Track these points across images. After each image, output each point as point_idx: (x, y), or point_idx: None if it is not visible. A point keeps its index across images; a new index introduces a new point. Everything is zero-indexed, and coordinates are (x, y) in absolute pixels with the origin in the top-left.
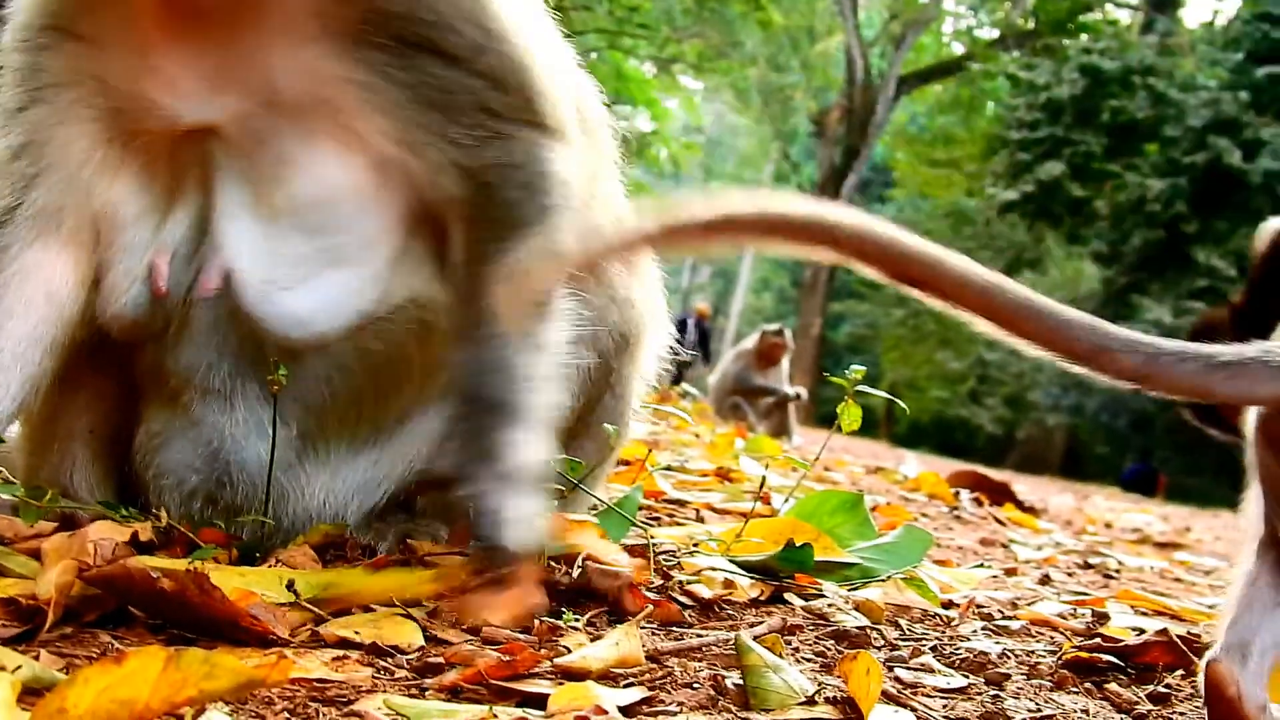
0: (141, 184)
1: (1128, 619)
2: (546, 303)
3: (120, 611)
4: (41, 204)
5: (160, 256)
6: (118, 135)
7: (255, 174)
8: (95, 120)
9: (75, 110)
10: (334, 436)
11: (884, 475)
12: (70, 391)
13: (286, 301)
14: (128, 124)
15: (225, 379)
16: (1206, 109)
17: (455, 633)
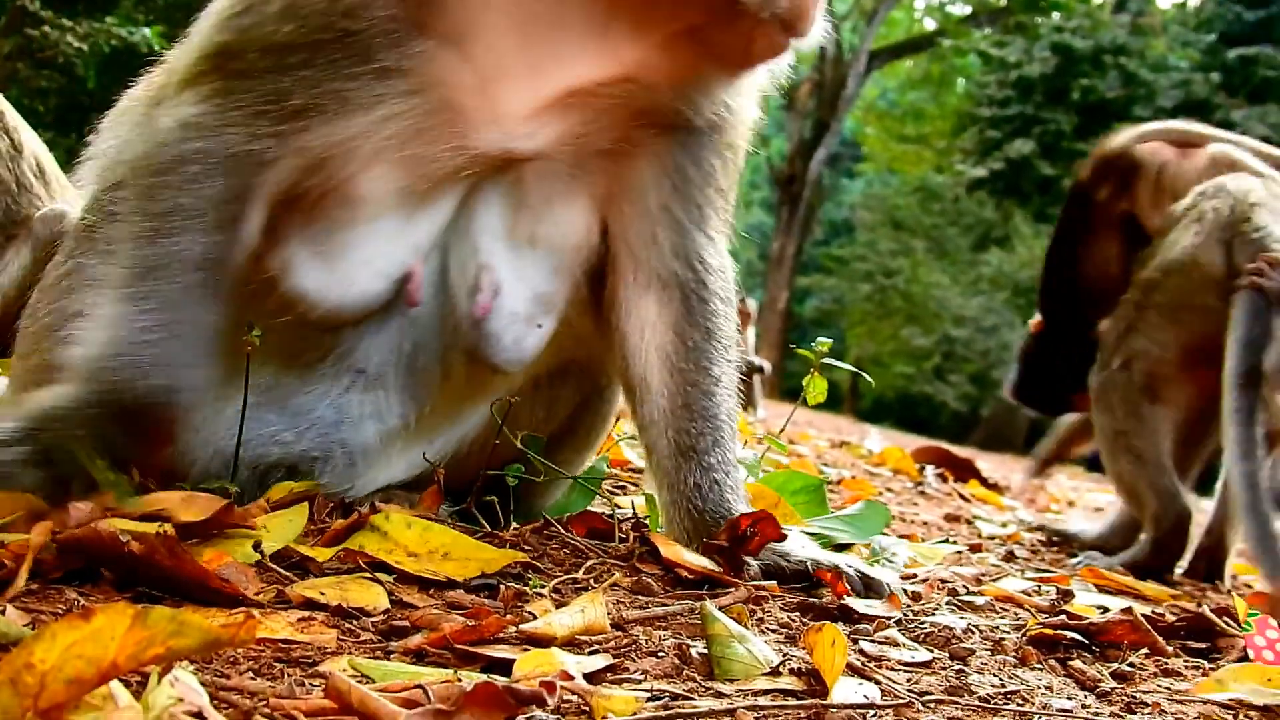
0: (408, 183)
1: (1092, 597)
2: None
3: (89, 569)
4: (276, 153)
5: (418, 262)
6: (411, 134)
7: (519, 204)
8: (387, 113)
9: (392, 100)
10: (421, 431)
11: (849, 450)
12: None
13: (513, 332)
14: (428, 130)
15: (390, 369)
16: (1177, 90)
17: (421, 596)
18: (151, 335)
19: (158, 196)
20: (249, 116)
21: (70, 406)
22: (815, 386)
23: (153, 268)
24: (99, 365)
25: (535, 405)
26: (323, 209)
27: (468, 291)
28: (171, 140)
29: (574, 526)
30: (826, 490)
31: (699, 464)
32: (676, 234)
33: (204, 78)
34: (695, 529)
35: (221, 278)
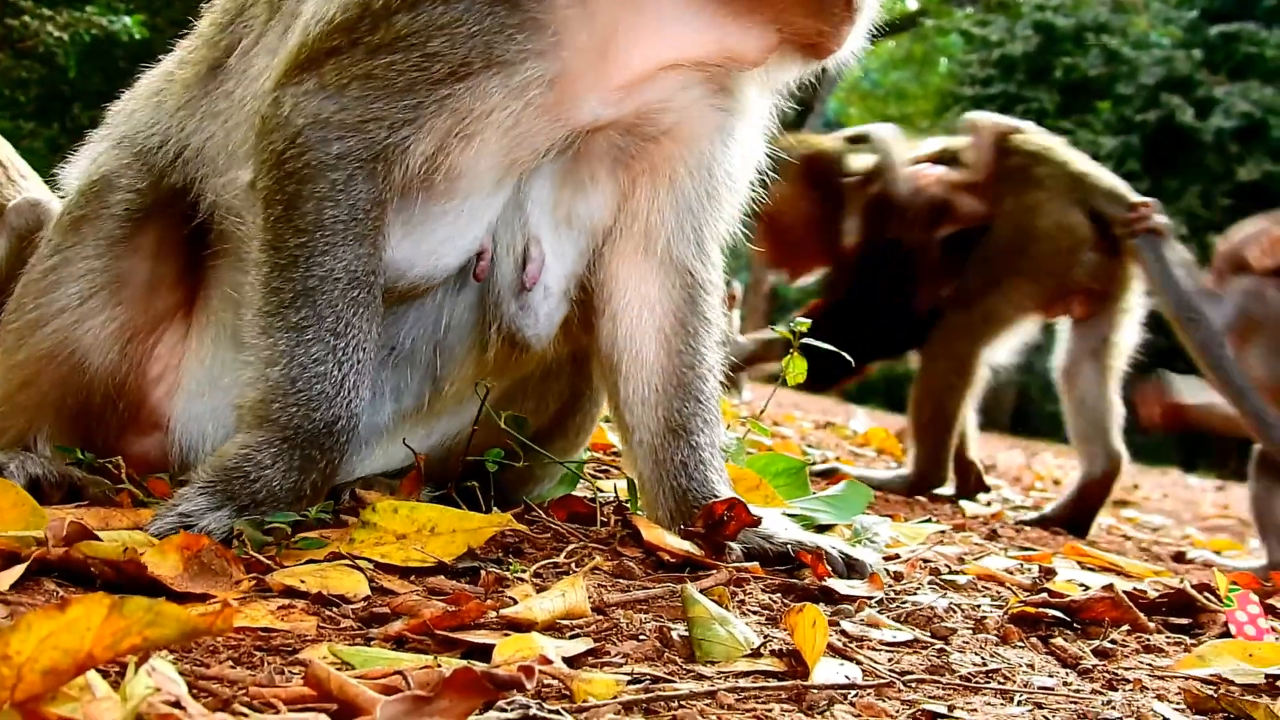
0: (503, 158)
1: (1074, 574)
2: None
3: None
4: (415, 139)
5: (488, 240)
6: (532, 105)
7: (564, 182)
8: (527, 77)
9: (529, 63)
10: (429, 416)
11: (834, 430)
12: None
13: (545, 309)
14: (543, 99)
15: (423, 346)
16: (1159, 67)
17: (402, 583)
18: (325, 367)
19: (301, 209)
20: (393, 100)
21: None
22: (795, 367)
23: (310, 290)
24: (275, 406)
25: (526, 397)
26: (424, 184)
27: (515, 262)
28: (310, 142)
29: (555, 511)
30: (808, 472)
31: (688, 443)
32: (695, 222)
33: (339, 54)
34: (679, 508)
35: (376, 289)
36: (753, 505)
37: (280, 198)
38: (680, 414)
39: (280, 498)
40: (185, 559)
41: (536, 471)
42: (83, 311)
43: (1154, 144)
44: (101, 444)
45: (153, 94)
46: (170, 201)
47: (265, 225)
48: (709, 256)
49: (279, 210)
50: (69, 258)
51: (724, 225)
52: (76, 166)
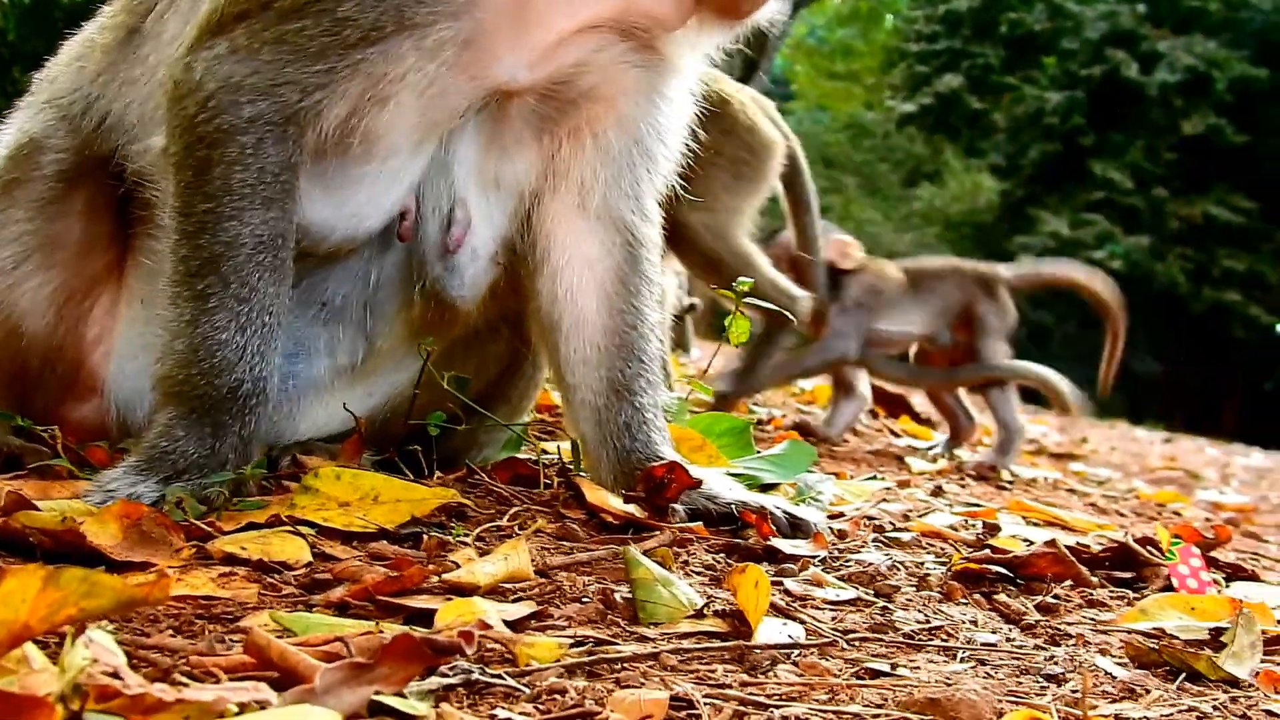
0: (420, 119)
1: (1018, 529)
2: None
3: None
4: (328, 103)
5: (411, 201)
6: (446, 64)
7: (490, 144)
8: (439, 38)
9: (442, 23)
10: (364, 374)
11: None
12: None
13: (471, 271)
14: (459, 59)
15: (353, 302)
16: (1104, 21)
17: (344, 549)
18: (227, 334)
19: (210, 173)
20: (305, 64)
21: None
22: (737, 326)
23: (215, 257)
24: (180, 378)
25: (467, 360)
26: (341, 147)
27: (440, 224)
28: (222, 106)
29: (498, 473)
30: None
31: (631, 404)
32: (631, 177)
33: (248, 22)
34: (622, 469)
35: (285, 253)
36: (696, 465)
37: (191, 163)
38: (623, 374)
39: (200, 465)
40: (125, 528)
41: (480, 436)
42: (18, 275)
43: (1099, 99)
44: (40, 409)
45: (74, 59)
46: (99, 165)
47: (176, 191)
48: (647, 213)
49: (189, 176)
50: (1, 222)
51: (661, 180)
52: (6, 133)
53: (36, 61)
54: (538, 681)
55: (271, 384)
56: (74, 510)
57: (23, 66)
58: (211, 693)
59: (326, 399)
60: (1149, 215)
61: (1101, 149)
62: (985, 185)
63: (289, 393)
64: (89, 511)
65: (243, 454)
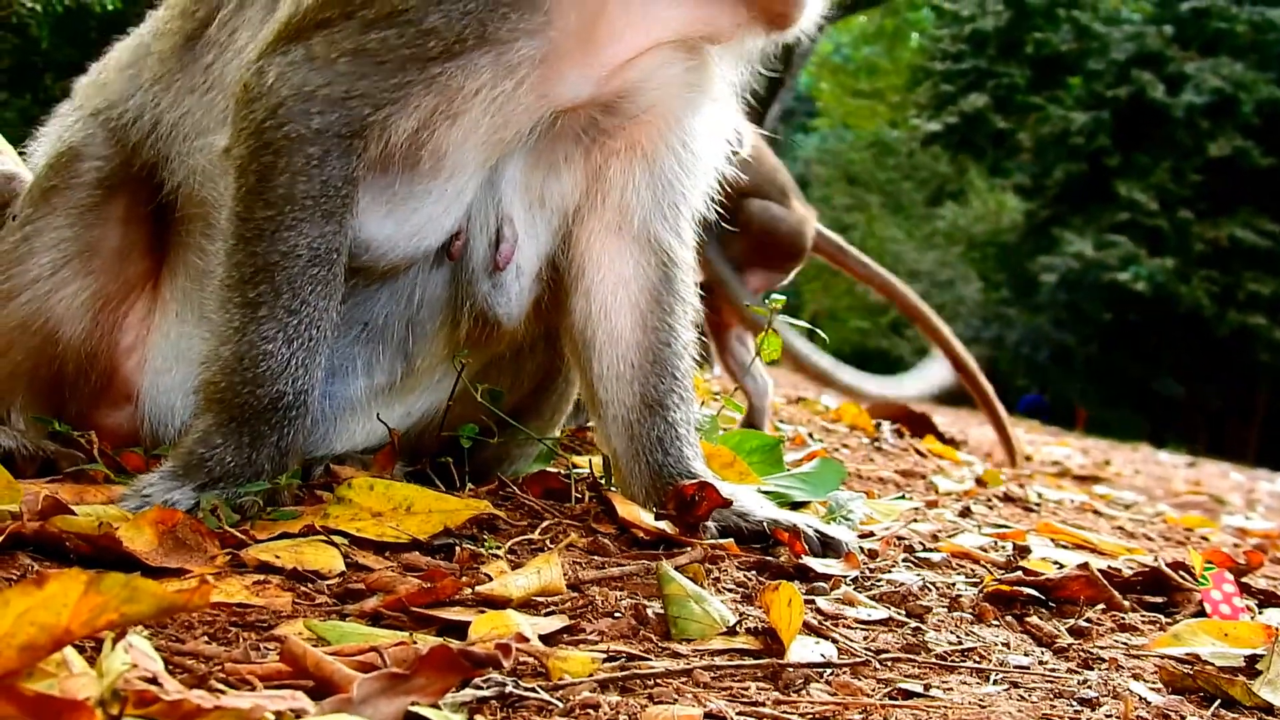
0: (488, 138)
1: (1049, 552)
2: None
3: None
4: (398, 117)
5: (464, 219)
6: (520, 83)
7: (537, 163)
8: (517, 56)
9: (511, 34)
10: (401, 393)
11: (806, 406)
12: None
13: (517, 288)
14: (531, 77)
15: (396, 322)
16: (1130, 42)
17: (377, 559)
18: (274, 345)
19: (273, 181)
20: (383, 77)
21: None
22: (769, 344)
23: (270, 265)
24: (223, 385)
25: (501, 375)
26: (409, 163)
27: (489, 242)
28: (292, 114)
29: (530, 487)
30: (783, 448)
31: (664, 418)
32: (672, 198)
33: (328, 30)
34: (654, 484)
35: (338, 267)
36: (727, 482)
37: (255, 168)
38: (656, 390)
39: (236, 474)
40: (160, 534)
41: (512, 450)
42: (55, 281)
43: (1125, 119)
44: (75, 415)
45: (126, 66)
46: (140, 174)
47: (236, 195)
48: (684, 233)
49: (251, 181)
50: (40, 228)
51: (698, 200)
52: (45, 140)
53: (69, 69)
54: (571, 696)
55: (313, 397)
56: (110, 516)
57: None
58: (249, 700)
59: (363, 418)
60: (1174, 237)
61: (1127, 170)
62: (1009, 205)
63: (326, 412)
64: (124, 517)
65: (279, 464)
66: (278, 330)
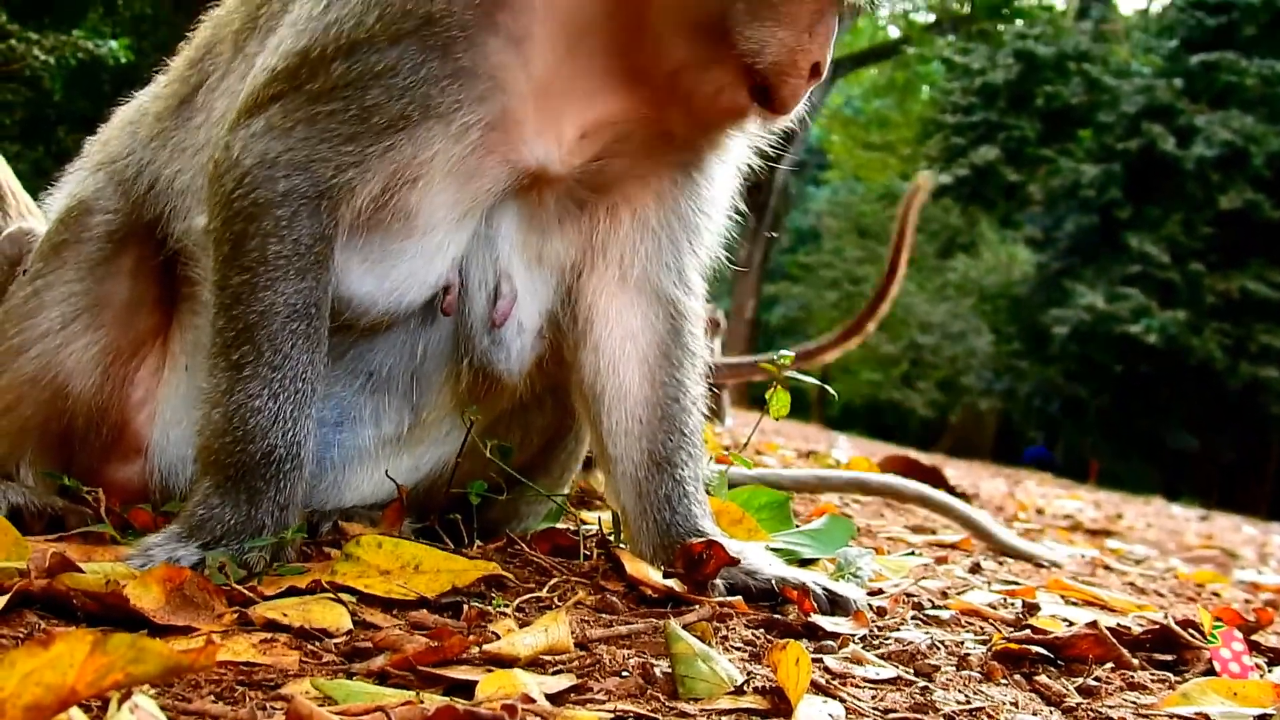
0: (457, 197)
1: (1058, 609)
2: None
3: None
4: (361, 180)
5: (453, 275)
6: (474, 147)
7: (532, 222)
8: (464, 123)
9: (467, 108)
10: (409, 444)
11: (816, 460)
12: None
13: (518, 344)
14: (487, 142)
15: (400, 373)
16: (1141, 95)
17: (384, 617)
18: (260, 401)
19: (246, 246)
20: (337, 145)
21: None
22: (778, 400)
23: (250, 326)
24: (216, 447)
25: (510, 431)
26: (379, 222)
27: (487, 299)
28: (258, 181)
29: (538, 544)
30: (791, 505)
31: (672, 476)
32: (672, 251)
33: (282, 101)
34: (662, 542)
35: (318, 321)
36: (736, 539)
37: (229, 237)
38: (664, 446)
39: (237, 531)
40: (168, 591)
41: (521, 507)
42: (65, 335)
43: (1136, 172)
44: (84, 469)
45: (128, 123)
46: (147, 228)
47: (215, 266)
48: (690, 285)
49: (226, 250)
50: (51, 282)
51: (704, 253)
52: (58, 195)
53: (82, 122)
54: None
55: (306, 449)
56: (117, 573)
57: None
58: None
59: (371, 468)
60: (1186, 290)
61: (1138, 222)
62: (1021, 257)
63: (334, 461)
64: (132, 575)
65: (280, 520)
66: (263, 387)
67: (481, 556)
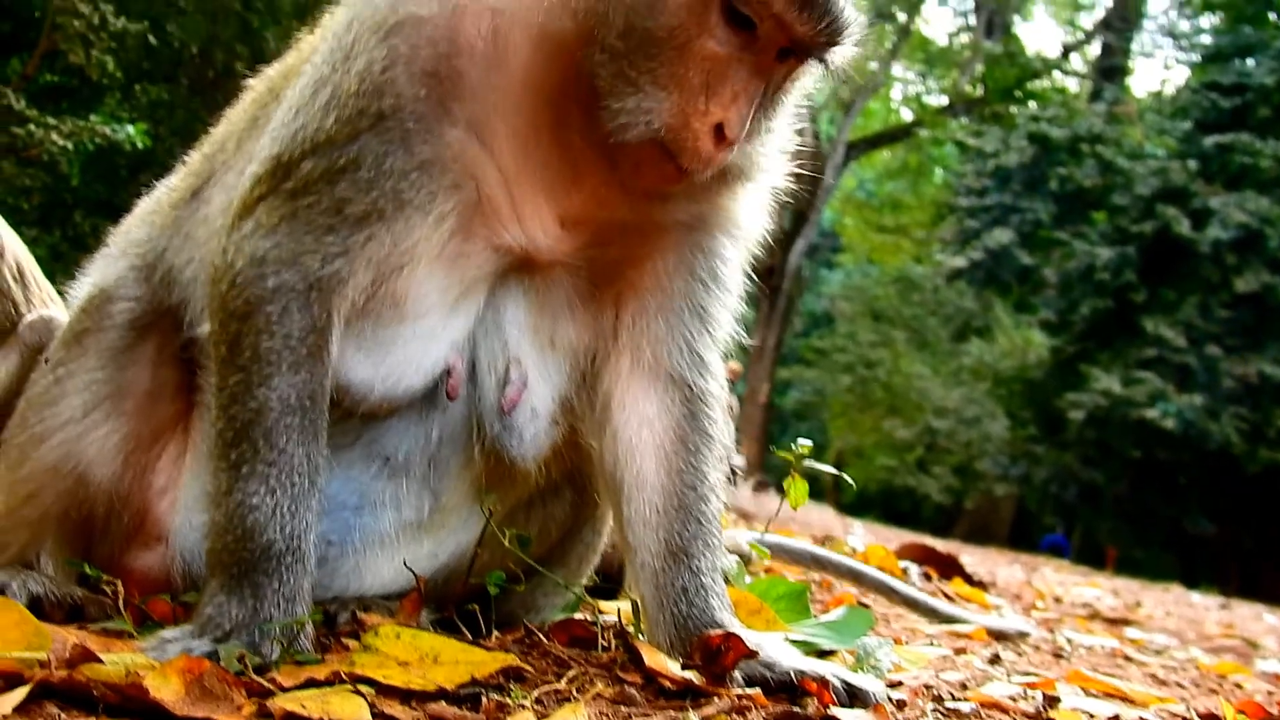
0: (449, 282)
1: (1079, 702)
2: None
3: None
4: (348, 270)
5: (457, 358)
6: (455, 232)
7: (541, 306)
8: (440, 211)
9: (441, 197)
10: (430, 529)
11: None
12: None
13: (531, 430)
14: (468, 227)
15: (416, 458)
16: (1155, 177)
17: (403, 709)
18: (258, 498)
19: (240, 345)
20: (319, 236)
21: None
22: (796, 489)
23: (247, 424)
24: (220, 546)
25: (529, 522)
26: (371, 310)
27: (497, 383)
28: (248, 279)
29: (555, 634)
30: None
31: (689, 567)
32: (683, 334)
33: (265, 202)
34: (679, 634)
35: (315, 413)
36: (754, 630)
37: (225, 338)
38: (681, 536)
39: (245, 625)
40: (187, 683)
41: (539, 598)
42: (87, 423)
43: (1151, 255)
44: (105, 557)
45: (148, 213)
46: (167, 315)
47: (215, 369)
48: (706, 366)
49: (224, 351)
50: (72, 370)
51: (720, 333)
52: (81, 284)
53: (99, 207)
54: None
55: (307, 541)
56: (137, 664)
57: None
58: None
59: (392, 553)
60: (1203, 373)
61: (1153, 306)
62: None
63: (355, 545)
64: (152, 666)
65: (288, 611)
66: (260, 484)
67: (500, 647)
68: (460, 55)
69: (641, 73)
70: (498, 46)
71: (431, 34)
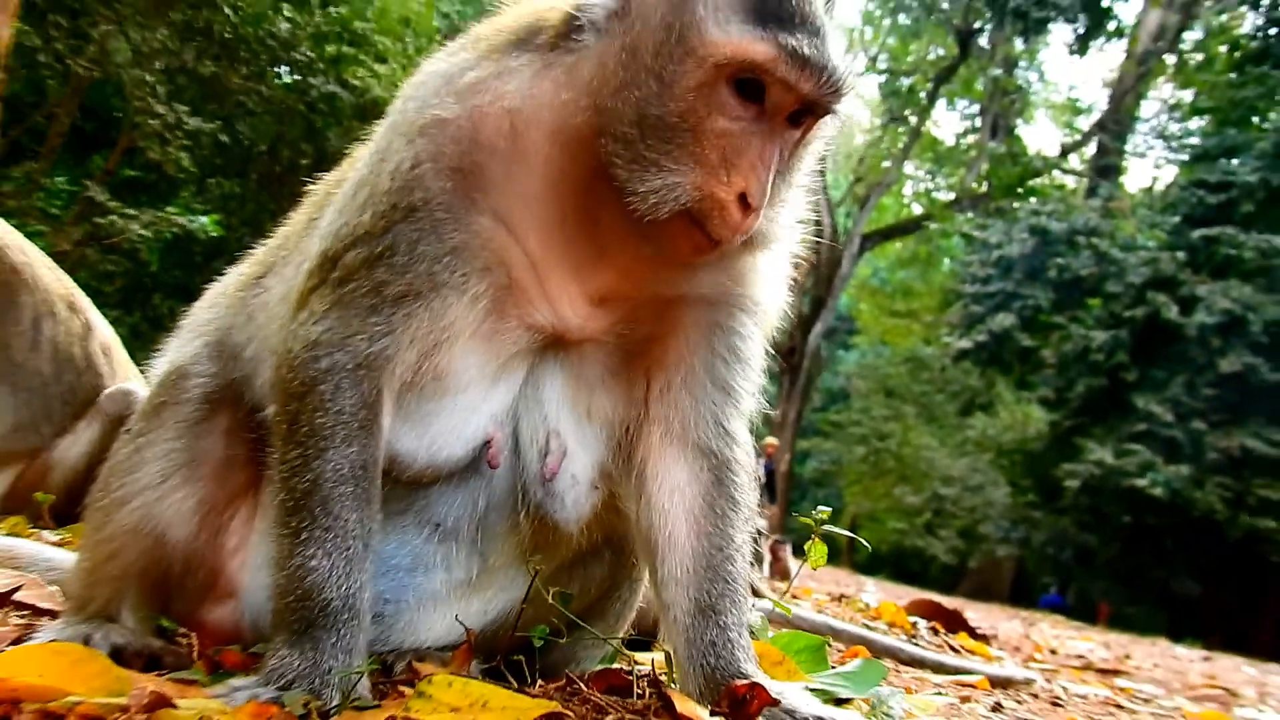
0: (485, 357)
1: None
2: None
3: None
4: (394, 348)
5: (496, 429)
6: (490, 311)
7: (578, 379)
8: (474, 292)
9: (475, 279)
10: (479, 588)
11: (847, 604)
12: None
13: (573, 496)
14: (501, 307)
15: (465, 523)
16: (1146, 267)
17: None
18: (315, 561)
19: (298, 422)
20: (364, 318)
21: (283, 649)
22: (816, 552)
23: (305, 494)
24: (281, 607)
25: (571, 581)
26: (415, 384)
27: (539, 453)
28: (303, 363)
29: (595, 683)
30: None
31: (717, 623)
32: (710, 407)
33: (316, 292)
34: (708, 685)
35: (367, 481)
36: (776, 680)
37: (285, 417)
38: (709, 595)
39: (307, 675)
40: None
41: (579, 650)
42: (164, 489)
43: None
44: (181, 611)
45: (219, 295)
46: (238, 389)
47: (277, 446)
48: (733, 436)
49: (284, 429)
50: (151, 440)
51: (746, 404)
52: (160, 361)
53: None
54: None
55: (361, 599)
56: (209, 709)
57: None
58: None
59: (444, 610)
60: (1189, 446)
61: (1144, 384)
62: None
63: (409, 603)
64: (223, 711)
65: (346, 663)
66: (317, 548)
67: (544, 695)
68: (482, 151)
69: (660, 154)
70: (517, 144)
71: (455, 134)
